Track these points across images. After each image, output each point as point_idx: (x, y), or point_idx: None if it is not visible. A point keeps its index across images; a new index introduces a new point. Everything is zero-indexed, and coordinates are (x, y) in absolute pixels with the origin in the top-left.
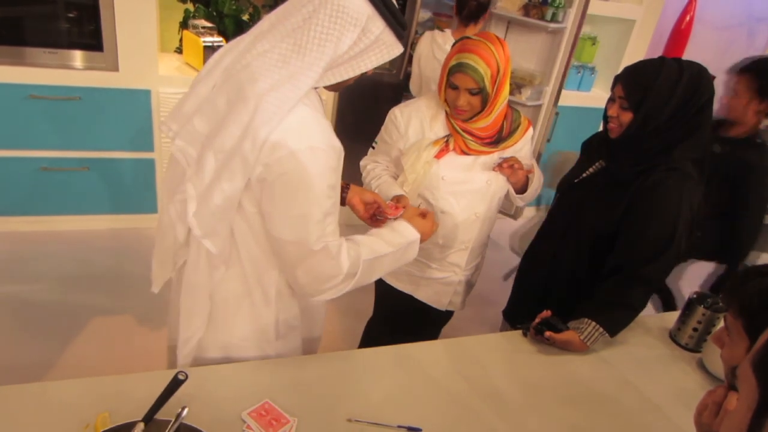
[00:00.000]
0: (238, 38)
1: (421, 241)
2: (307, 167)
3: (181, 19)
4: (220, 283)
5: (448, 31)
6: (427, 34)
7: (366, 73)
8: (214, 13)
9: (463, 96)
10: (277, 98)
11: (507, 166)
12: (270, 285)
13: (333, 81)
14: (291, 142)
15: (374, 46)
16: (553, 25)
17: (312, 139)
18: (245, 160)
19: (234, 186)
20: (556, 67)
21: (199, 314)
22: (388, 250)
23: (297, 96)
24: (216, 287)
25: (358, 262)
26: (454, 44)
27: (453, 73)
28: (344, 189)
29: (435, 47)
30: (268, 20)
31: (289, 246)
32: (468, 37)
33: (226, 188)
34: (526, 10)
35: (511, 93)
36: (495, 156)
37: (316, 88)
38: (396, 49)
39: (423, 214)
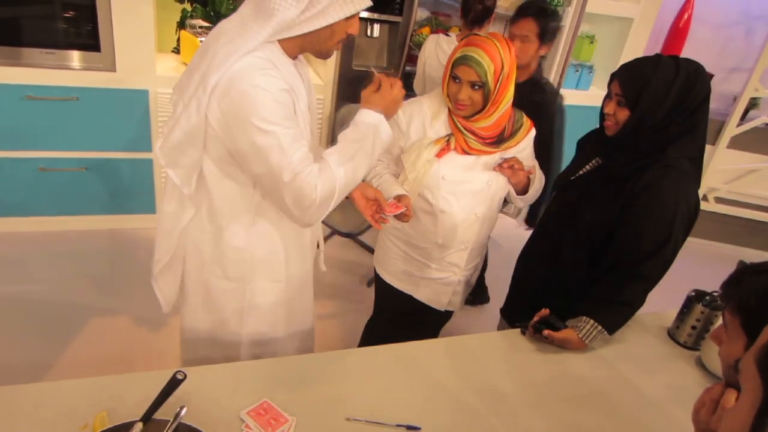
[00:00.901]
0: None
1: (388, 113)
2: (252, 102)
3: (178, 19)
4: (192, 224)
5: (453, 36)
6: (432, 38)
7: (346, 37)
8: (212, 13)
9: (465, 89)
10: (229, 48)
11: (507, 167)
12: (243, 226)
13: (292, 34)
14: (235, 82)
15: (332, 5)
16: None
17: (254, 80)
18: (199, 102)
19: (190, 123)
20: (555, 66)
21: (167, 241)
22: (355, 147)
23: (246, 46)
24: (188, 227)
25: (333, 178)
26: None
27: (457, 65)
28: None
29: (440, 52)
30: None
31: (263, 179)
32: (476, 34)
33: (183, 125)
34: None
35: None
36: (496, 156)
37: (297, 54)
38: (359, 3)
39: (377, 85)
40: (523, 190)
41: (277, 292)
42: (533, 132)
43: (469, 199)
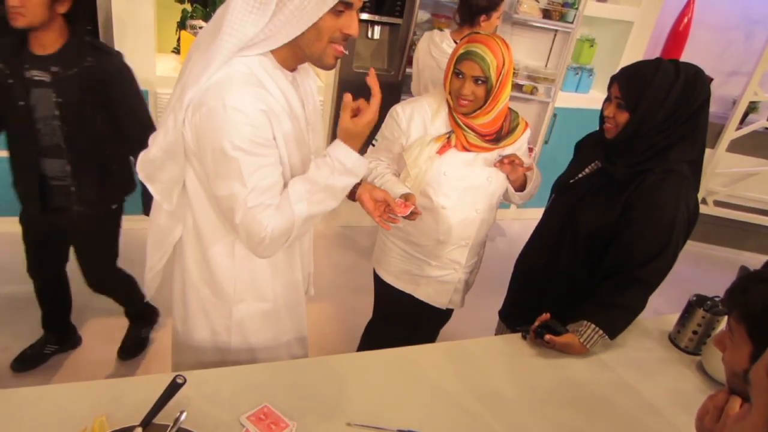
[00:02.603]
0: None
1: (364, 137)
2: (219, 122)
3: (178, 19)
4: (180, 241)
5: (446, 31)
6: (426, 35)
7: (343, 38)
8: (212, 14)
9: (468, 84)
10: (203, 59)
11: (507, 162)
12: (226, 246)
13: (285, 40)
14: (207, 98)
15: (304, 7)
16: (563, 25)
17: (223, 98)
18: (175, 117)
19: (167, 139)
20: (559, 68)
21: (158, 251)
22: (324, 185)
23: (219, 57)
24: (178, 243)
25: (291, 216)
26: (462, 38)
27: (460, 60)
28: (356, 184)
29: (432, 46)
30: None
31: (221, 201)
32: (477, 32)
33: (160, 141)
34: (546, 13)
35: (530, 92)
36: (495, 153)
37: (295, 67)
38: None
39: (353, 112)
40: (520, 187)
41: (264, 311)
42: (528, 131)
43: (470, 196)
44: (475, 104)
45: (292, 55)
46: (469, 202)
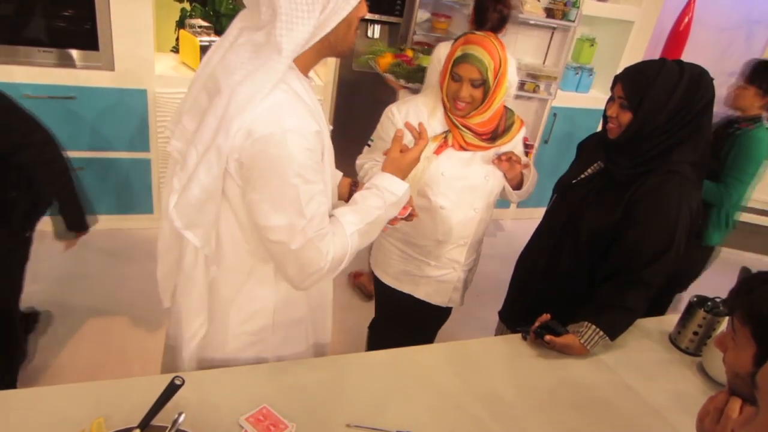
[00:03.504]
0: (225, 33)
1: (408, 172)
2: (280, 150)
3: (177, 19)
4: (214, 282)
5: None
6: (446, 45)
7: (359, 24)
8: (211, 13)
9: (466, 87)
10: (250, 87)
11: (505, 159)
12: (264, 278)
13: (316, 39)
14: (261, 127)
15: (337, 7)
16: (564, 24)
17: (282, 123)
18: (219, 151)
19: (210, 176)
20: (559, 66)
21: (200, 312)
22: (376, 215)
23: (270, 83)
24: (211, 286)
25: (346, 244)
26: (456, 39)
27: (457, 63)
28: (352, 187)
29: None
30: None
31: (274, 232)
32: (471, 32)
33: (203, 179)
34: (549, 11)
35: (533, 90)
36: (492, 152)
37: (310, 71)
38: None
39: (401, 145)
40: (517, 185)
41: (297, 322)
42: (524, 130)
43: (468, 195)
44: (472, 106)
45: (316, 56)
46: (468, 201)
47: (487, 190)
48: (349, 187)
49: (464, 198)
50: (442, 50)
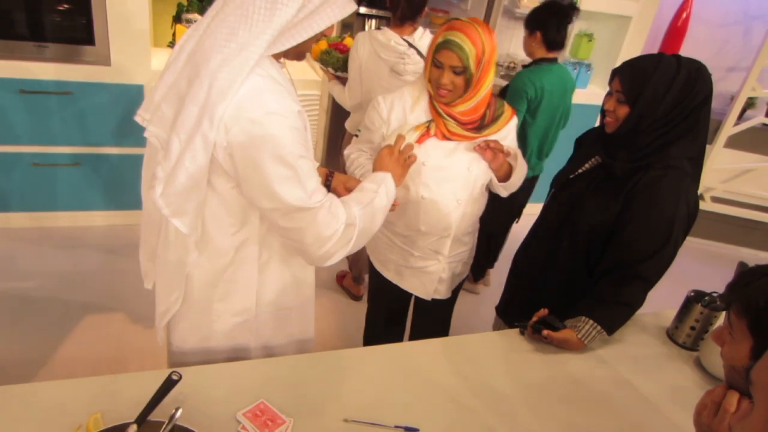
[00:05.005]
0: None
1: (396, 178)
2: (267, 132)
3: (174, 13)
4: (196, 264)
5: (386, 29)
6: (364, 36)
7: (324, 34)
8: (207, 7)
9: (447, 74)
10: (229, 72)
11: (486, 147)
12: (246, 259)
13: (287, 46)
14: (246, 112)
15: (325, 5)
16: None
17: (266, 106)
18: (205, 138)
19: (196, 164)
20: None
21: (174, 290)
22: (372, 196)
23: (247, 68)
24: (193, 267)
25: (353, 212)
26: (442, 24)
27: (438, 50)
28: (328, 177)
29: (377, 46)
30: None
31: (284, 207)
32: (457, 18)
33: (189, 167)
34: None
35: None
36: (477, 142)
37: (279, 58)
38: (349, 6)
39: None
40: (504, 177)
41: (278, 314)
42: (515, 120)
43: (450, 185)
44: (456, 93)
45: (282, 54)
46: (450, 191)
47: (471, 181)
48: (326, 177)
49: (446, 188)
50: (360, 41)
